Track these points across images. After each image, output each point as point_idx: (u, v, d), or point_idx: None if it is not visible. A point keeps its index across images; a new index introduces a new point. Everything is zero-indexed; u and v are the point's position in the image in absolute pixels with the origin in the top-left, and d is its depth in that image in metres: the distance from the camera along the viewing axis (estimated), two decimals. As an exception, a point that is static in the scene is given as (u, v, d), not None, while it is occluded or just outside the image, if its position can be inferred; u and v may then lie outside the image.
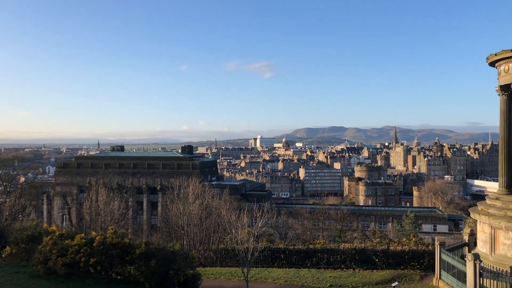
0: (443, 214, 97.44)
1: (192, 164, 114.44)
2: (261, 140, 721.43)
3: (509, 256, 21.39)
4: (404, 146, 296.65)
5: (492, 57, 23.31)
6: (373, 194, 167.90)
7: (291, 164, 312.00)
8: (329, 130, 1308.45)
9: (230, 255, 30.25)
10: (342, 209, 72.64)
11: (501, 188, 23.68)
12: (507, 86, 22.90)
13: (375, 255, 29.04)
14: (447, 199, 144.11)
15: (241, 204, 62.92)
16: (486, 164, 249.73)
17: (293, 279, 26.45)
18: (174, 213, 38.38)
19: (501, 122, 23.60)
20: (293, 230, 60.46)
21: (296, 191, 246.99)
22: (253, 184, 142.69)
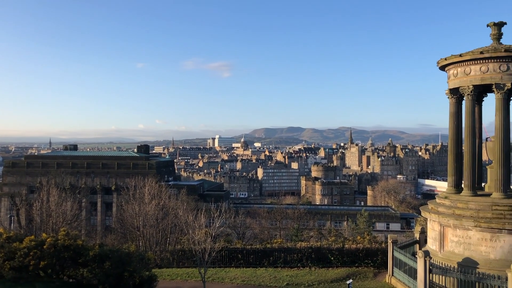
0: (395, 212, 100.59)
1: (149, 164, 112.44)
2: (219, 140, 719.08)
3: (456, 252, 22.33)
4: (359, 146, 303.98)
5: (442, 62, 24.26)
6: (329, 194, 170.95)
7: (250, 164, 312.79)
8: (287, 131, 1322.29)
9: (187, 256, 29.99)
10: (299, 208, 73.49)
11: (450, 188, 24.69)
12: (456, 89, 23.90)
13: (330, 254, 29.59)
14: (399, 198, 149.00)
15: (199, 204, 62.45)
16: (436, 164, 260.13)
17: (250, 279, 26.53)
18: (130, 214, 37.56)
19: (450, 124, 24.61)
20: (251, 230, 60.61)
21: (254, 191, 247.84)
22: (211, 184, 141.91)
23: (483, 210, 21.71)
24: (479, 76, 22.56)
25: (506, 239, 20.82)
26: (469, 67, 22.88)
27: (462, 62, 23.05)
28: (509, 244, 20.77)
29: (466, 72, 23.08)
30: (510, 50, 21.49)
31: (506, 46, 21.88)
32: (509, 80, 21.82)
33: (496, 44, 22.92)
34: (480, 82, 22.66)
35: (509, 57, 21.66)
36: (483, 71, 22.41)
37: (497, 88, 22.04)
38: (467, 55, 22.62)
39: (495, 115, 22.33)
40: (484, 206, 21.90)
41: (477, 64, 22.51)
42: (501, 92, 21.99)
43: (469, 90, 22.93)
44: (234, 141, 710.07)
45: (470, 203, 22.46)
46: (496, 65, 22.01)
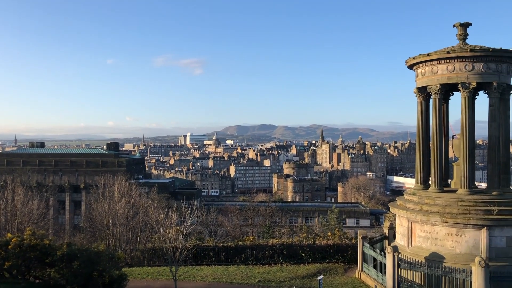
0: (365, 209, 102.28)
1: (118, 162, 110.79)
2: (191, 137, 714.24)
3: (424, 247, 22.88)
4: (330, 144, 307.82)
5: (411, 61, 24.78)
6: (300, 191, 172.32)
7: (222, 161, 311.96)
8: (259, 128, 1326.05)
9: (158, 254, 29.68)
10: (271, 205, 73.81)
11: (418, 184, 25.27)
12: (424, 88, 24.46)
13: (302, 250, 29.83)
14: (369, 194, 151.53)
15: (170, 202, 61.84)
16: (404, 162, 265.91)
17: (222, 276, 26.50)
18: (99, 213, 36.86)
19: (418, 122, 25.17)
20: (223, 228, 60.47)
21: (226, 188, 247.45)
22: (183, 182, 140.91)
23: (449, 206, 22.31)
24: (446, 75, 23.15)
25: (471, 234, 21.47)
26: (437, 67, 23.44)
27: (429, 62, 23.60)
28: (474, 238, 21.43)
29: (433, 71, 23.63)
30: (475, 50, 22.14)
31: (471, 46, 22.52)
32: (474, 79, 22.47)
33: (462, 44, 23.56)
34: (447, 81, 23.26)
35: (474, 57, 22.32)
36: (449, 70, 23.00)
37: (463, 87, 22.66)
38: (434, 54, 23.17)
39: (461, 113, 22.96)
40: (450, 202, 22.51)
41: (444, 64, 23.09)
42: (467, 91, 22.63)
43: (436, 88, 23.50)
44: (206, 138, 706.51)
45: (437, 199, 23.05)
46: (462, 64, 22.63)
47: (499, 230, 21.35)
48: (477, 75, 22.44)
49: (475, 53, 22.15)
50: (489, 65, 22.41)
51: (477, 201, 22.12)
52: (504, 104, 23.61)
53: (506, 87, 23.25)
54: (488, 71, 22.41)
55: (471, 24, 24.02)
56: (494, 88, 22.47)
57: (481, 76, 22.46)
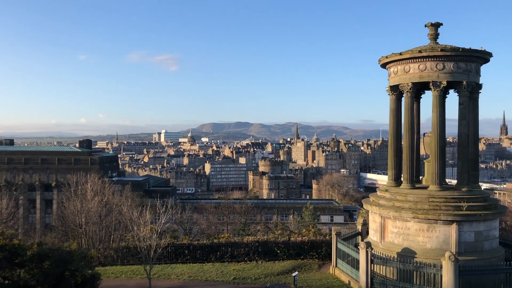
0: (339, 205, 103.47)
1: (91, 159, 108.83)
2: (165, 134, 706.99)
3: (396, 243, 23.33)
4: (305, 141, 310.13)
5: (383, 59, 25.18)
6: (276, 188, 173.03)
7: (197, 159, 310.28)
8: (235, 126, 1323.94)
9: (132, 253, 29.35)
10: (246, 203, 73.87)
11: (390, 181, 25.74)
12: (396, 86, 24.89)
13: (277, 247, 30.00)
14: (343, 191, 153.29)
15: (144, 200, 61.09)
16: (377, 159, 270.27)
17: (197, 274, 26.40)
18: (71, 211, 36.15)
19: (390, 120, 25.62)
20: (198, 225, 60.13)
21: (201, 186, 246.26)
22: (157, 180, 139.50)
23: (421, 202, 22.80)
24: (418, 74, 23.61)
25: (441, 229, 22.01)
26: (409, 65, 23.88)
27: (402, 60, 24.03)
28: (444, 234, 21.97)
29: (405, 70, 24.07)
30: (445, 50, 22.65)
31: (442, 46, 23.03)
32: (445, 78, 23.00)
33: (433, 43, 24.07)
34: (418, 80, 23.72)
35: (445, 56, 22.83)
36: (421, 69, 23.46)
37: (434, 85, 23.17)
38: (406, 53, 23.60)
39: (432, 112, 23.47)
40: (421, 198, 23.01)
41: (416, 63, 23.54)
42: (438, 89, 23.14)
43: (408, 87, 23.95)
44: (181, 136, 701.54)
45: (408, 195, 23.51)
46: (433, 63, 23.13)
47: (468, 226, 21.95)
48: (447, 74, 22.97)
49: (446, 52, 22.66)
50: (459, 64, 22.97)
51: (447, 197, 22.68)
52: (473, 103, 24.24)
53: (475, 86, 23.89)
54: (458, 70, 22.97)
55: (442, 24, 24.56)
56: (463, 87, 23.05)
57: (451, 75, 23.00)
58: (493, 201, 24.38)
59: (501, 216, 26.63)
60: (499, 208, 24.03)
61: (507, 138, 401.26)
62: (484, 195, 24.22)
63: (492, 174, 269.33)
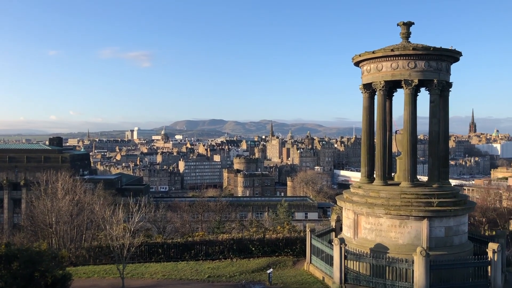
0: (313, 202, 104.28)
1: (62, 157, 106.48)
2: (138, 132, 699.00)
3: (369, 239, 23.66)
4: (280, 139, 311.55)
5: (357, 58, 25.44)
6: (250, 185, 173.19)
7: (171, 157, 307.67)
8: (209, 123, 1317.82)
9: (105, 252, 28.90)
10: (221, 200, 73.56)
11: (363, 178, 26.08)
12: (369, 84, 25.21)
13: (252, 244, 30.03)
14: (317, 188, 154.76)
15: (117, 199, 60.21)
16: (350, 156, 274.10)
17: (171, 273, 26.18)
18: (41, 210, 35.25)
19: (363, 117, 25.95)
20: (172, 224, 59.62)
21: (175, 184, 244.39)
22: (130, 178, 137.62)
23: (393, 199, 23.18)
24: (390, 73, 23.96)
25: (413, 225, 22.43)
26: (381, 64, 24.21)
27: (374, 59, 24.34)
28: (416, 229, 22.40)
29: (378, 68, 24.39)
30: (417, 49, 23.05)
31: (414, 45, 23.43)
32: (416, 76, 23.42)
33: (405, 42, 24.46)
34: (391, 78, 24.08)
35: (417, 55, 23.24)
36: (393, 67, 23.82)
37: (405, 84, 23.56)
38: (379, 52, 23.92)
39: (404, 110, 23.88)
40: (393, 194, 23.39)
41: (388, 61, 23.89)
42: (409, 88, 23.55)
43: (381, 85, 24.28)
44: (154, 133, 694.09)
45: (381, 192, 23.87)
46: (405, 62, 23.51)
47: (438, 221, 22.44)
48: (419, 72, 23.40)
49: (417, 51, 23.07)
50: (430, 63, 23.42)
51: (419, 194, 23.12)
52: (444, 101, 24.77)
53: (446, 84, 24.42)
54: (429, 69, 23.42)
55: (413, 23, 24.98)
56: (434, 85, 23.52)
57: (422, 74, 23.43)
58: (463, 197, 25.00)
59: (470, 211, 27.37)
60: (468, 204, 24.66)
61: (476, 136, 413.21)
62: (454, 191, 24.80)
63: (461, 171, 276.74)
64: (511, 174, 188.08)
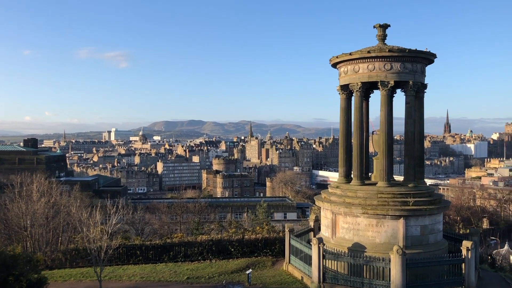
0: (292, 202, 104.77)
1: (37, 159, 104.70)
2: (116, 133, 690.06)
3: (347, 238, 23.94)
4: (259, 140, 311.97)
5: (334, 59, 25.73)
6: (230, 186, 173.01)
7: (149, 158, 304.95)
8: (188, 124, 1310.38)
9: (82, 255, 28.46)
10: (200, 201, 73.26)
11: (341, 178, 26.38)
12: (346, 86, 25.52)
13: (231, 245, 30.03)
14: (296, 188, 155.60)
15: (94, 201, 59.55)
16: (329, 156, 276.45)
17: (149, 275, 25.99)
18: (15, 213, 34.48)
19: (341, 118, 26.24)
20: (150, 226, 59.16)
21: (154, 185, 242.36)
22: (107, 180, 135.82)
23: (370, 198, 23.51)
24: (367, 74, 24.31)
25: (390, 224, 22.80)
26: (358, 65, 24.55)
27: (352, 61, 24.66)
28: (392, 228, 22.78)
29: (355, 70, 24.72)
30: (393, 51, 23.46)
31: (390, 47, 23.83)
32: (392, 78, 23.82)
33: (381, 44, 24.85)
34: (367, 80, 24.43)
35: (393, 57, 23.65)
36: (370, 69, 24.18)
37: (382, 85, 23.94)
38: (356, 54, 24.24)
39: (380, 110, 24.25)
40: (370, 194, 23.73)
41: (365, 63, 24.24)
42: (386, 89, 23.94)
43: (358, 86, 24.61)
44: (132, 134, 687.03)
45: (358, 191, 24.19)
46: (381, 64, 23.89)
47: (414, 220, 22.87)
48: (395, 74, 23.81)
49: (393, 53, 23.48)
50: (405, 65, 23.86)
51: (395, 193, 23.52)
52: (419, 102, 25.26)
53: (421, 86, 24.91)
54: (405, 70, 23.86)
55: (389, 26, 25.41)
56: (410, 86, 23.97)
57: (398, 75, 23.85)
58: (438, 196, 25.51)
59: (445, 210, 27.99)
60: (443, 203, 25.20)
61: (450, 136, 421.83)
62: (429, 190, 25.31)
63: (436, 170, 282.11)
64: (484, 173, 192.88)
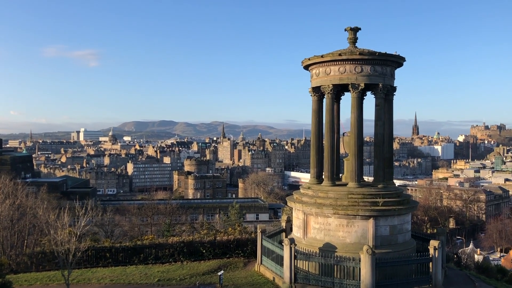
0: (264, 203, 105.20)
1: (1, 160, 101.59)
2: (85, 133, 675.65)
3: (318, 238, 24.16)
4: (231, 141, 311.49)
5: (306, 62, 25.95)
6: (202, 187, 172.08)
7: (119, 159, 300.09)
8: (159, 124, 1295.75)
9: (49, 258, 27.77)
10: (171, 203, 72.78)
11: (313, 179, 26.62)
12: (318, 88, 25.78)
13: (202, 247, 29.86)
14: (268, 189, 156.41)
15: (62, 202, 58.07)
16: (301, 157, 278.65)
17: (119, 278, 25.56)
18: (-22, 216, 33.40)
19: (312, 120, 26.50)
20: (120, 227, 58.35)
21: (124, 187, 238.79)
22: (76, 181, 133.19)
23: (341, 199, 23.80)
24: (338, 76, 24.62)
25: (360, 224, 23.14)
26: (330, 68, 24.84)
27: (323, 63, 24.93)
28: (362, 228, 23.12)
29: (327, 72, 25.00)
30: (363, 54, 23.84)
31: (360, 50, 24.21)
32: (363, 80, 24.20)
33: (352, 47, 25.22)
34: (338, 82, 24.75)
35: (363, 60, 24.03)
36: (341, 71, 24.50)
37: (352, 87, 24.29)
38: (327, 56, 24.52)
39: (351, 112, 24.60)
40: (341, 195, 24.02)
41: (336, 65, 24.54)
42: (356, 91, 24.30)
43: (329, 89, 24.90)
44: (102, 134, 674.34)
45: (329, 192, 24.45)
46: (352, 66, 24.24)
47: (383, 220, 23.28)
48: (365, 77, 24.19)
49: (364, 56, 23.86)
50: (375, 67, 24.28)
51: (365, 194, 23.89)
52: (388, 104, 25.75)
53: (390, 88, 25.40)
54: (374, 73, 24.28)
55: (360, 29, 25.80)
56: (380, 89, 24.41)
57: (368, 78, 24.25)
58: (406, 196, 26.04)
59: (413, 210, 28.60)
60: (411, 203, 25.75)
61: (418, 138, 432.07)
62: (398, 191, 25.82)
63: (405, 172, 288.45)
64: (450, 174, 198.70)
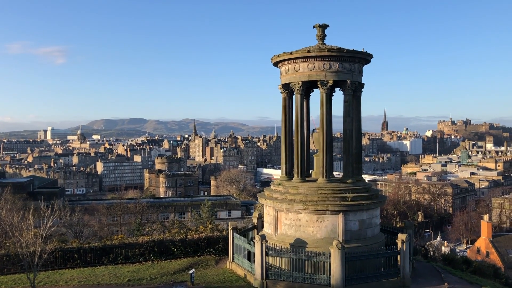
0: (236, 201, 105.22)
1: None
2: (52, 132, 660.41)
3: (289, 234, 24.31)
4: (203, 138, 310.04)
5: (275, 58, 26.00)
6: (173, 186, 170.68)
7: (88, 157, 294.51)
8: (129, 122, 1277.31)
9: (13, 261, 26.91)
10: (141, 202, 71.93)
11: (283, 175, 26.74)
12: (288, 84, 25.88)
13: (173, 245, 29.60)
14: (240, 186, 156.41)
15: (28, 203, 56.48)
16: (273, 154, 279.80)
17: (88, 279, 25.08)
18: None
19: (282, 116, 26.59)
20: (90, 228, 57.22)
21: (93, 186, 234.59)
22: (43, 181, 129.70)
23: (311, 195, 24.00)
24: (307, 73, 24.77)
25: (330, 219, 23.40)
26: (299, 65, 24.95)
27: (292, 60, 25.03)
28: (332, 224, 23.39)
29: (296, 69, 25.12)
30: (332, 51, 24.05)
31: (329, 47, 24.41)
32: (331, 77, 24.42)
33: (321, 44, 25.41)
34: (308, 79, 24.90)
35: (331, 57, 24.24)
36: (310, 68, 24.65)
37: (321, 84, 24.49)
38: (296, 53, 24.63)
39: (320, 109, 24.80)
40: (311, 190, 24.22)
41: (305, 62, 24.68)
42: (325, 88, 24.51)
43: (299, 85, 25.03)
44: (70, 133, 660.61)
45: (300, 188, 24.62)
46: (320, 63, 24.42)
47: (353, 215, 23.61)
48: (333, 73, 24.42)
49: (332, 53, 24.08)
50: (343, 64, 24.53)
51: (334, 189, 24.16)
52: (356, 101, 26.09)
53: (358, 85, 25.73)
54: (343, 70, 24.53)
55: (328, 26, 26.02)
56: (348, 86, 24.69)
57: (337, 75, 24.49)
58: (375, 191, 26.47)
59: (382, 205, 29.10)
60: (380, 197, 26.22)
61: (388, 134, 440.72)
62: (367, 186, 26.21)
63: (375, 167, 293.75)
64: (419, 169, 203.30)
